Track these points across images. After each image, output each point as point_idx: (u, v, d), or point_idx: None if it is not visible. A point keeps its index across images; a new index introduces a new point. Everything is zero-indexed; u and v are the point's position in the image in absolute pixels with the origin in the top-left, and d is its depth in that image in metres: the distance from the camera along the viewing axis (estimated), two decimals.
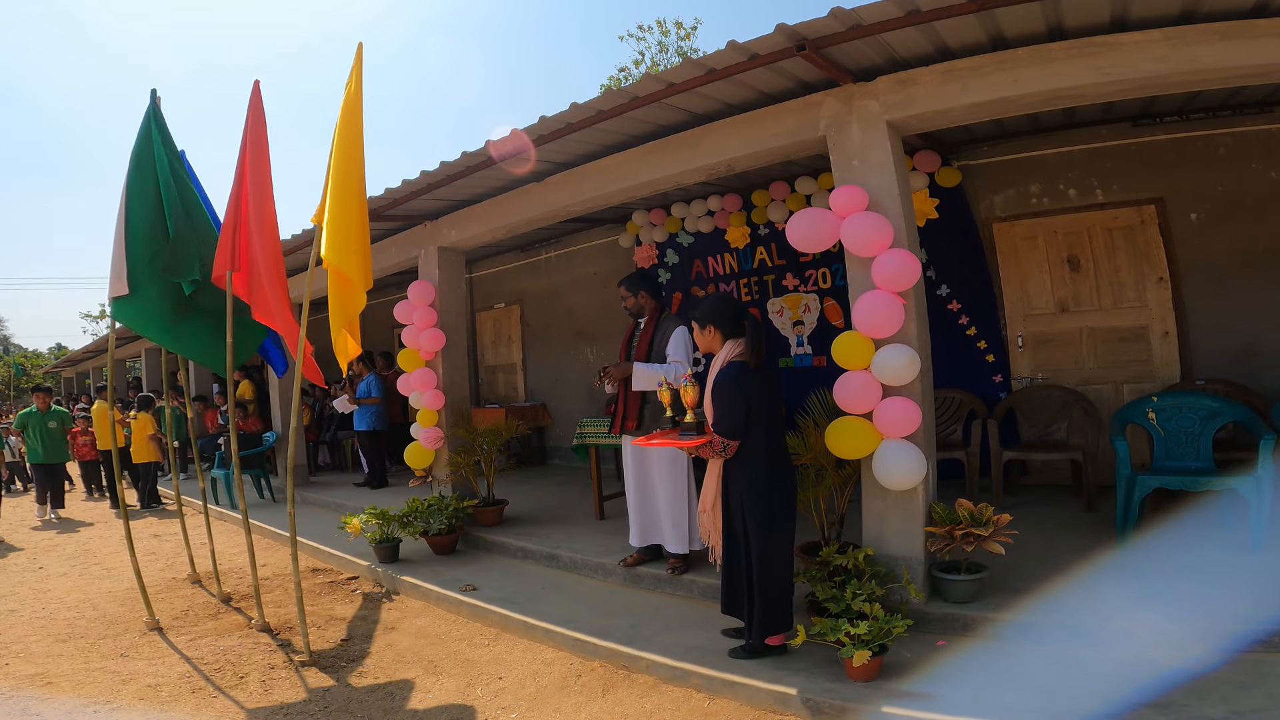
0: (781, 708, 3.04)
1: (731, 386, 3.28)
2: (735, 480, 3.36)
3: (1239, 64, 3.17)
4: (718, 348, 3.47)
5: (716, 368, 3.41)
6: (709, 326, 3.48)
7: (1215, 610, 3.17)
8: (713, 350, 3.50)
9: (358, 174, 4.02)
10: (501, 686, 3.53)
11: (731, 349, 3.41)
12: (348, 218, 3.95)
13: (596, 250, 8.98)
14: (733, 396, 3.26)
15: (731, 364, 3.35)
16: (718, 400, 3.31)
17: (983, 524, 3.51)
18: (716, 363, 3.44)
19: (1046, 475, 6.00)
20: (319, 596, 5.13)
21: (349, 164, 3.98)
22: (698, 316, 3.52)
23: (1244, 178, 5.27)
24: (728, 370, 3.33)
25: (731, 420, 3.25)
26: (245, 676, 3.77)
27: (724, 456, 3.32)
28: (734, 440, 3.26)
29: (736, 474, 3.35)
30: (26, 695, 3.57)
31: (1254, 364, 5.18)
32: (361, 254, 4.00)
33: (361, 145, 4.05)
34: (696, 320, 3.53)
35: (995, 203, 6.17)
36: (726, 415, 3.26)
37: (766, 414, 3.34)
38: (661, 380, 3.53)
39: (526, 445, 9.56)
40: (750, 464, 3.31)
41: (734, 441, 3.26)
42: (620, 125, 4.45)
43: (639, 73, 21.25)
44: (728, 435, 3.25)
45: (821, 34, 3.38)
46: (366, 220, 4.12)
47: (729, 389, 3.28)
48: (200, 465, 5.57)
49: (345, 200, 3.95)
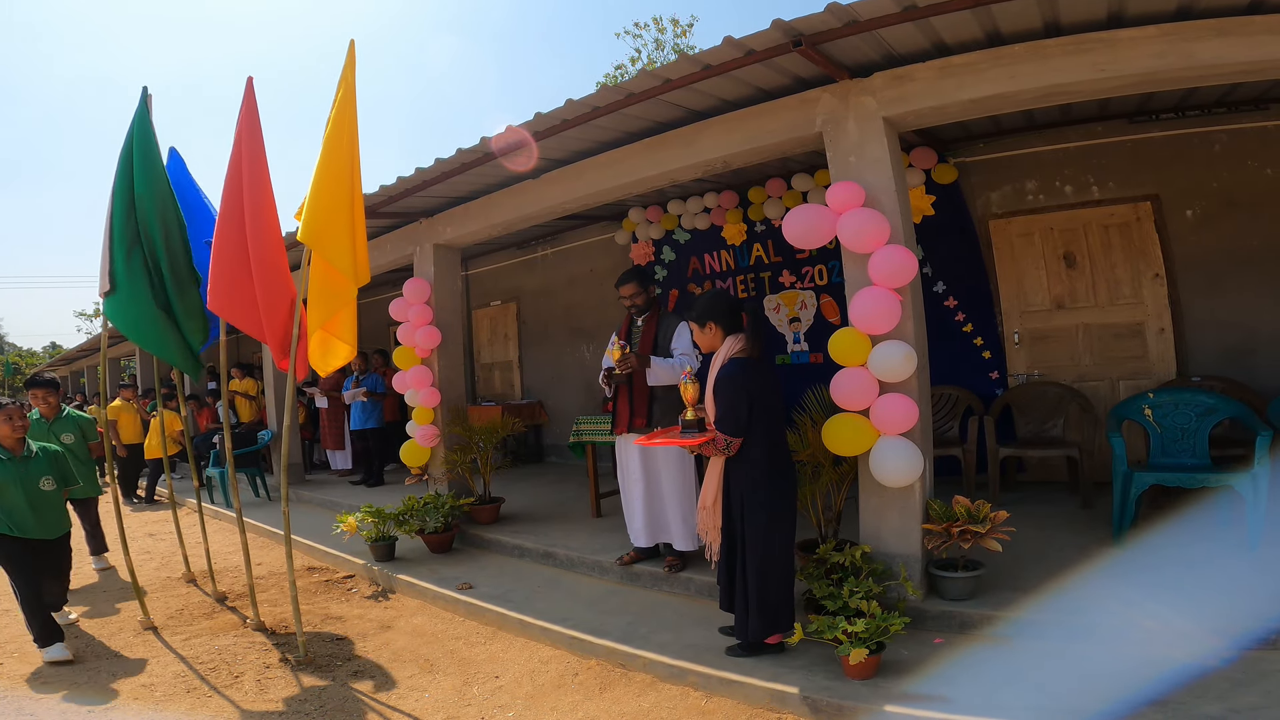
0: (779, 706, 3.04)
1: (734, 383, 3.26)
2: (737, 477, 3.34)
3: (1235, 60, 3.17)
4: (718, 344, 3.46)
5: (717, 364, 3.39)
6: (709, 324, 3.46)
7: (1212, 608, 3.17)
8: (713, 348, 3.48)
9: (349, 161, 3.87)
10: (498, 685, 3.52)
11: (732, 345, 3.39)
12: (335, 201, 3.78)
13: (593, 247, 8.97)
14: (735, 393, 3.24)
15: (733, 360, 3.33)
16: (720, 397, 3.29)
17: (980, 521, 3.51)
18: (717, 359, 3.42)
19: (1043, 472, 6.01)
20: (315, 595, 5.11)
21: (339, 150, 3.84)
22: (695, 316, 3.50)
23: (1240, 174, 5.27)
24: (729, 367, 3.31)
25: (734, 417, 3.24)
26: (240, 676, 3.75)
27: (727, 454, 3.30)
28: (737, 437, 3.25)
29: (738, 471, 3.33)
30: (20, 695, 3.56)
31: (1250, 360, 5.19)
32: (347, 239, 3.81)
33: (355, 135, 3.92)
34: (695, 319, 3.51)
35: (992, 199, 6.17)
36: (729, 412, 3.25)
37: (768, 410, 3.33)
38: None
39: (523, 443, 9.55)
40: (752, 461, 3.29)
41: (737, 439, 3.25)
42: (616, 122, 4.44)
43: (635, 70, 21.21)
44: (730, 432, 3.24)
45: (818, 30, 3.37)
46: (360, 209, 3.96)
47: (731, 386, 3.26)
48: (195, 464, 5.54)
49: (334, 184, 3.79)
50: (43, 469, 4.15)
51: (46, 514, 4.13)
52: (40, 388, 5.44)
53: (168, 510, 8.80)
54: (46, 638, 3.98)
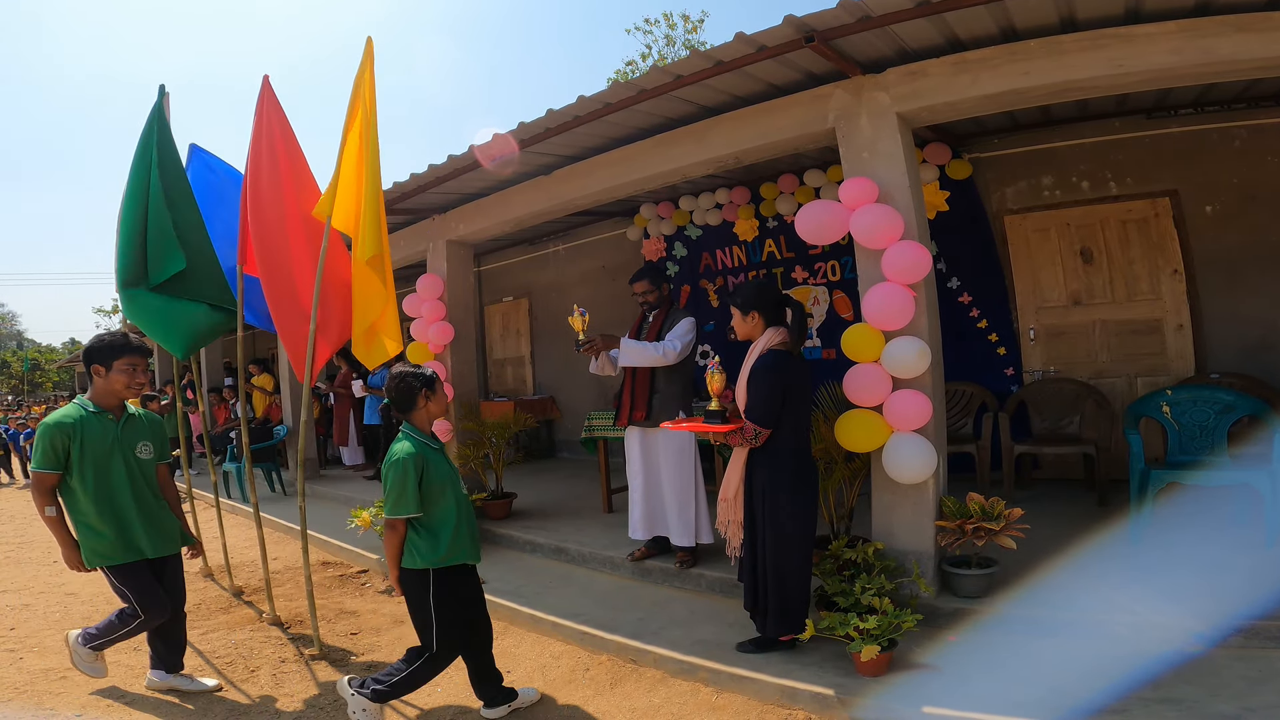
0: (790, 702, 3.04)
1: (772, 374, 3.24)
2: (760, 470, 3.32)
3: (1255, 56, 3.12)
4: (758, 334, 3.42)
5: (755, 354, 3.36)
6: (753, 313, 3.41)
7: (1229, 606, 3.14)
8: (752, 337, 3.44)
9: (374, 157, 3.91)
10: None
11: (772, 336, 3.37)
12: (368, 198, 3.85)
13: (604, 243, 8.97)
14: (772, 384, 3.23)
15: (772, 351, 3.32)
16: (755, 387, 3.27)
17: (994, 518, 3.49)
18: (755, 349, 3.38)
19: (1058, 469, 5.97)
20: (330, 590, 5.15)
21: (368, 147, 3.88)
22: (740, 302, 3.44)
23: (1259, 170, 5.21)
24: (768, 358, 3.29)
25: (767, 408, 3.22)
26: (256, 670, 3.79)
27: (754, 445, 3.28)
28: (766, 429, 3.23)
29: (762, 464, 3.31)
30: (40, 690, 3.60)
31: (1269, 357, 5.13)
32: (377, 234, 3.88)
33: (375, 132, 3.97)
34: (738, 305, 3.44)
35: (1007, 195, 6.12)
36: (762, 403, 3.23)
37: (799, 406, 3.33)
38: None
39: (535, 438, 9.58)
40: (778, 455, 3.29)
41: (766, 430, 3.23)
42: (628, 118, 4.43)
43: (646, 66, 21.17)
44: (761, 423, 3.22)
45: (830, 25, 3.36)
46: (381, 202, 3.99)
47: (769, 376, 3.24)
48: (212, 459, 5.60)
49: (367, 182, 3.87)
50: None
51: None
52: (134, 353, 3.41)
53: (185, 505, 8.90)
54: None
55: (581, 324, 4.04)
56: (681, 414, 4.22)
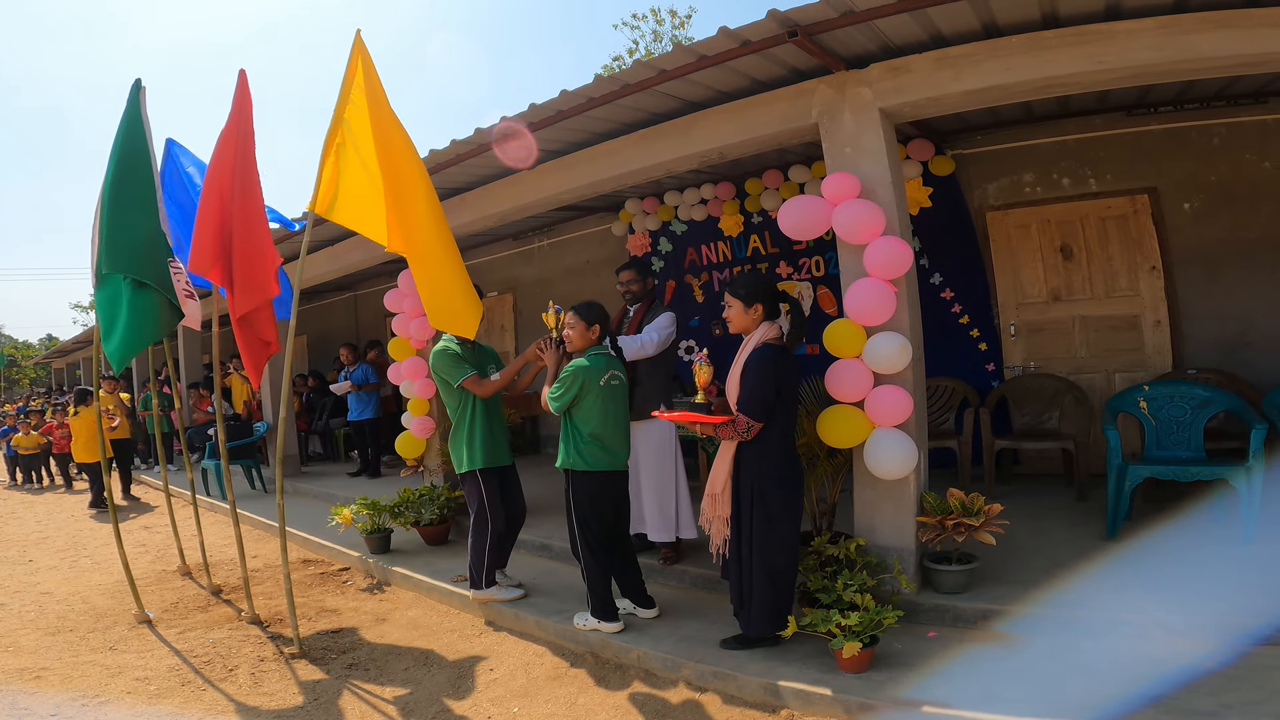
0: (772, 699, 3.04)
1: (766, 367, 3.24)
2: (750, 465, 3.30)
3: (1235, 53, 3.14)
4: (753, 328, 3.40)
5: (749, 348, 3.35)
6: (756, 304, 3.38)
7: (1206, 602, 3.18)
8: (747, 330, 3.42)
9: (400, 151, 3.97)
10: (493, 678, 3.52)
11: (767, 330, 3.36)
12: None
13: (589, 238, 8.93)
14: (766, 377, 3.22)
15: (767, 345, 3.31)
16: (749, 379, 3.26)
17: (974, 514, 3.51)
18: (749, 343, 3.37)
19: (1038, 464, 6.01)
20: (310, 588, 5.11)
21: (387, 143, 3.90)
22: (742, 293, 3.40)
23: (1238, 168, 5.26)
24: (763, 351, 3.28)
25: (760, 401, 3.22)
26: (235, 669, 3.75)
27: (744, 438, 3.26)
28: (759, 422, 3.22)
29: (752, 458, 3.30)
30: (14, 689, 3.55)
31: (1246, 353, 5.19)
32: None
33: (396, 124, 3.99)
34: (741, 296, 3.40)
35: (989, 191, 6.15)
36: (755, 396, 3.22)
37: (789, 403, 3.33)
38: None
39: (519, 434, 9.54)
40: (768, 449, 3.28)
41: (759, 423, 3.22)
42: (612, 113, 4.40)
43: (633, 61, 21.10)
44: (754, 416, 3.21)
45: (814, 20, 3.34)
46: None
47: (763, 369, 3.23)
48: (189, 456, 5.53)
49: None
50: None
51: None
52: None
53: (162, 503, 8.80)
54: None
55: (555, 321, 4.04)
56: (663, 406, 4.20)
